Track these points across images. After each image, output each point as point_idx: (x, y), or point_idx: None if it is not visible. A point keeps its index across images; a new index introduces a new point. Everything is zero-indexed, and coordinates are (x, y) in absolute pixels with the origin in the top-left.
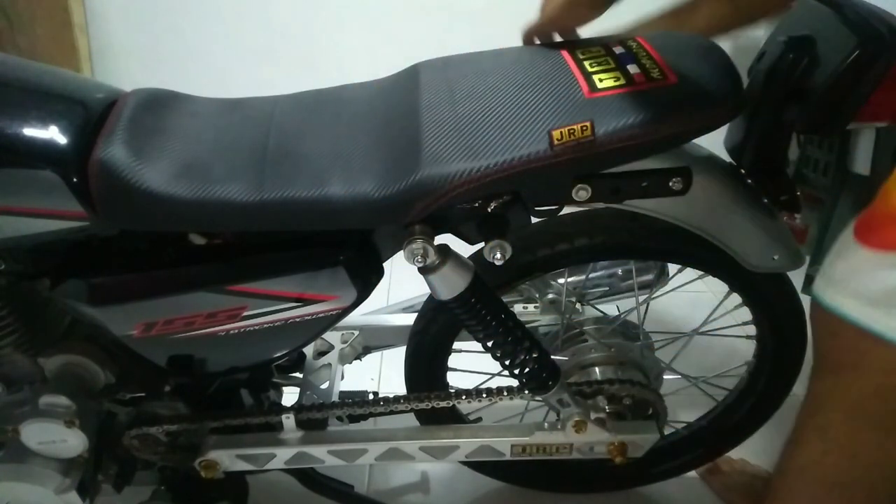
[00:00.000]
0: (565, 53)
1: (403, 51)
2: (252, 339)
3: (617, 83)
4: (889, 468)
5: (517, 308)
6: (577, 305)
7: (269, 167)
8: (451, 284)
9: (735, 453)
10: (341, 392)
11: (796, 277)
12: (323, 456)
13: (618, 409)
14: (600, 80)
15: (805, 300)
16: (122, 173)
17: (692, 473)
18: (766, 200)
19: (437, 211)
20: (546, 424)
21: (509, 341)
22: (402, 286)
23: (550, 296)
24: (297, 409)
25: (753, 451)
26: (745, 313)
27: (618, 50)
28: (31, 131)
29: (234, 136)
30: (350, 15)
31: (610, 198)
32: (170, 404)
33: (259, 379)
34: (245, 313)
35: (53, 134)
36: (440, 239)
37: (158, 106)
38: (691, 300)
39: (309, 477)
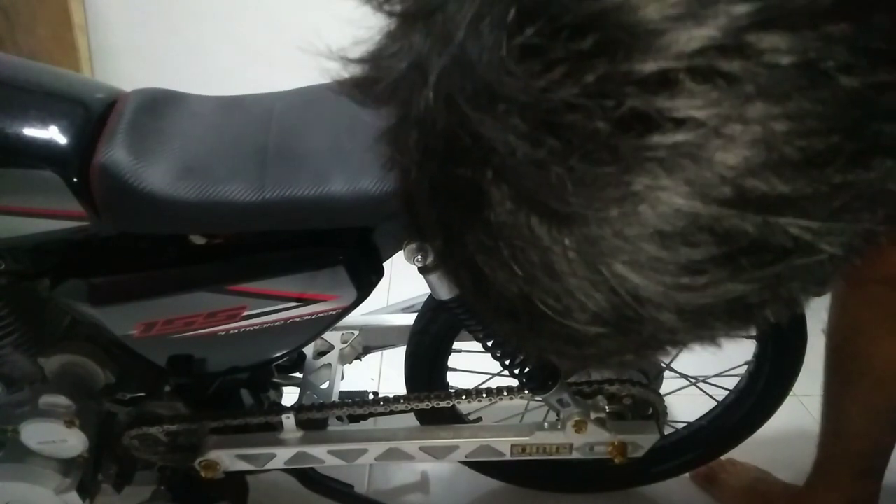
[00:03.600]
0: None
1: None
2: (252, 339)
3: None
4: None
5: None
6: None
7: (270, 166)
8: (451, 284)
9: (735, 453)
10: (341, 392)
11: None
12: (323, 456)
13: (618, 409)
14: None
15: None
16: (125, 178)
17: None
18: None
19: None
20: (546, 424)
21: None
22: (402, 286)
23: None
24: (297, 409)
25: (753, 452)
26: None
27: None
28: (31, 131)
29: (235, 136)
30: (352, 17)
31: None
32: (170, 404)
33: (259, 379)
34: (245, 313)
35: (54, 134)
36: None
37: (159, 106)
38: None
39: (309, 477)
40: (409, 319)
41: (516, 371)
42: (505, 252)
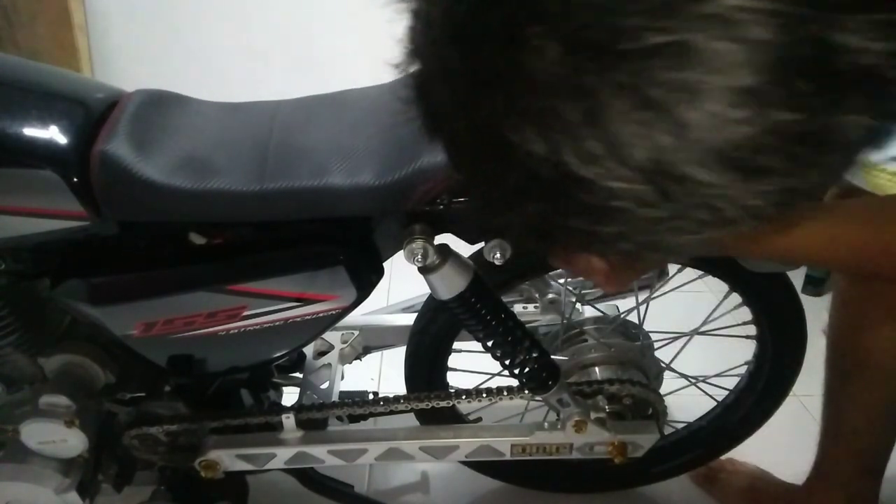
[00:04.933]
0: None
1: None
2: (252, 339)
3: None
4: None
5: (517, 308)
6: (577, 305)
7: (270, 158)
8: (451, 284)
9: (735, 453)
10: (341, 392)
11: (796, 277)
12: (323, 456)
13: (618, 409)
14: None
15: (805, 300)
16: (124, 163)
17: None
18: None
19: (438, 201)
20: (546, 424)
21: (509, 341)
22: (402, 286)
23: (550, 296)
24: (297, 409)
25: (753, 452)
26: (745, 313)
27: None
28: (31, 131)
29: (237, 133)
30: (351, 16)
31: None
32: (170, 404)
33: (259, 379)
34: (245, 313)
35: (54, 134)
36: (440, 239)
37: (162, 105)
38: (691, 300)
39: (309, 477)
40: (409, 319)
41: (516, 371)
42: (544, 106)
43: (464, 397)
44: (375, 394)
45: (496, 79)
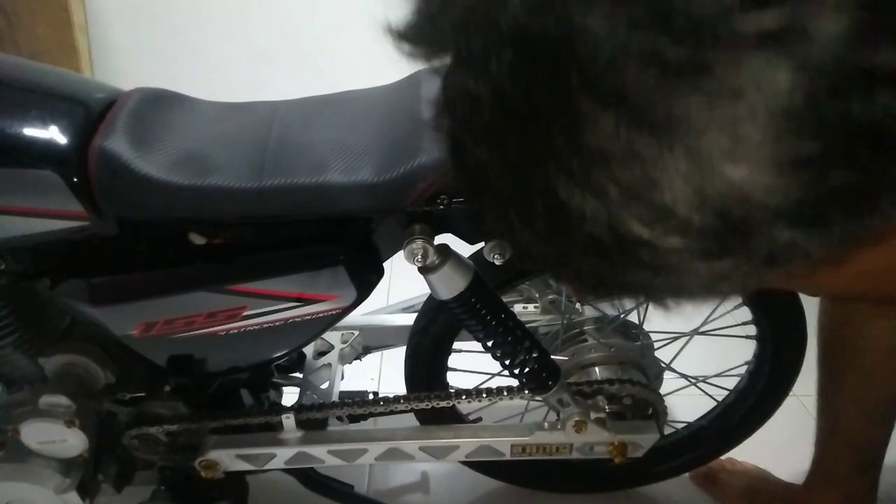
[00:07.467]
0: None
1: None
2: (252, 339)
3: None
4: None
5: (517, 308)
6: (577, 305)
7: (269, 156)
8: (451, 284)
9: (735, 453)
10: (341, 392)
11: None
12: (323, 456)
13: (618, 409)
14: None
15: (805, 300)
16: (122, 159)
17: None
18: None
19: (438, 201)
20: (546, 424)
21: (509, 341)
22: (402, 286)
23: (550, 296)
24: (297, 409)
25: (753, 452)
26: (745, 313)
27: None
28: (31, 131)
29: (236, 131)
30: (351, 17)
31: None
32: (170, 404)
33: (259, 379)
34: (245, 313)
35: (53, 134)
36: (440, 239)
37: (161, 103)
38: None
39: (309, 477)
40: (409, 319)
41: (516, 371)
42: (600, 175)
43: (464, 397)
44: (375, 394)
45: (551, 150)
